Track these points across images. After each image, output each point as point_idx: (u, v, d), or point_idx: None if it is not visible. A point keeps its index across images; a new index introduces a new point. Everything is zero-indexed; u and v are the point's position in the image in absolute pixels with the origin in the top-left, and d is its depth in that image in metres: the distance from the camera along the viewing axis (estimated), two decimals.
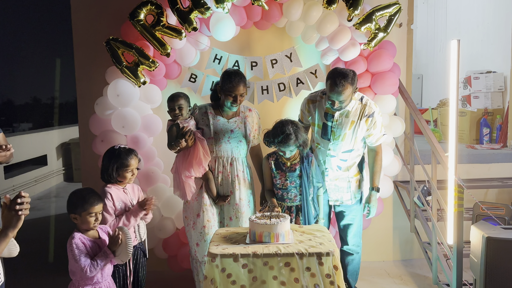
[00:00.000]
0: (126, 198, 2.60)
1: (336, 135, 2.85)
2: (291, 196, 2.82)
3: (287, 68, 3.46)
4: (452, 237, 2.72)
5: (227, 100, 2.81)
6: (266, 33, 3.64)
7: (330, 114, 2.87)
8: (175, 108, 2.78)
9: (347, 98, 2.70)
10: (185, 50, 3.26)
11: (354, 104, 2.84)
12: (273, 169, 2.84)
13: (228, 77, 2.79)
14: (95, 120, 3.28)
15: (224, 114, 2.93)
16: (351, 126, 2.83)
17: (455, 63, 2.63)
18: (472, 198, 3.14)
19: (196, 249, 2.88)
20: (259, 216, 2.48)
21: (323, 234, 2.49)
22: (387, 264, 3.96)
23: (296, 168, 2.81)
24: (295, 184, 2.81)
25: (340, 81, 2.63)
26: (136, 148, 3.20)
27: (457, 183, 2.66)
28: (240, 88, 2.79)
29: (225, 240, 2.41)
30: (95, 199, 2.28)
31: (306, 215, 2.82)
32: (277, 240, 2.34)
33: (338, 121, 2.84)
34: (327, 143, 2.90)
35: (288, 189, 2.81)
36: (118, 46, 3.09)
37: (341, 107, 2.76)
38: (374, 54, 3.31)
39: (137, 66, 3.09)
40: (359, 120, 2.82)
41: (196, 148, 2.76)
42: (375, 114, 2.83)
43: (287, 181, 2.81)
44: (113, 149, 2.60)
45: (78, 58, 3.64)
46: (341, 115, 2.84)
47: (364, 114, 2.82)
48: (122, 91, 3.11)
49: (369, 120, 2.82)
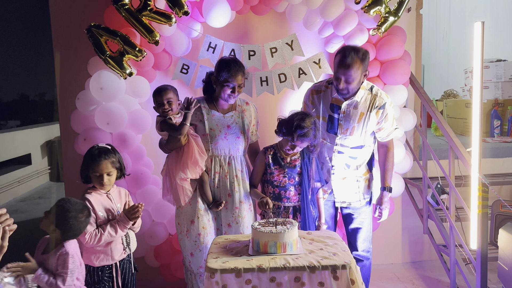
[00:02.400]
0: (110, 205, 2.31)
1: (343, 128, 2.56)
2: (289, 195, 2.54)
3: (288, 57, 3.17)
4: (476, 241, 2.46)
5: (223, 91, 2.52)
6: (265, 19, 3.35)
7: (337, 106, 2.58)
8: (164, 102, 2.46)
9: (355, 77, 2.37)
10: (176, 37, 2.96)
11: (363, 94, 2.54)
12: (270, 164, 2.55)
13: (225, 65, 2.49)
14: (77, 117, 2.97)
15: (219, 108, 2.63)
16: (360, 119, 2.53)
17: (479, 49, 2.36)
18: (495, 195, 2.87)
19: (191, 259, 2.58)
20: (263, 222, 2.20)
21: (335, 242, 2.22)
22: (396, 266, 3.71)
23: (296, 164, 2.53)
24: (294, 182, 2.53)
25: (350, 53, 2.34)
26: (123, 147, 2.93)
27: (481, 181, 2.39)
28: (239, 77, 2.50)
29: (225, 252, 2.12)
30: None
31: (306, 217, 2.54)
32: (284, 250, 2.07)
33: (346, 113, 2.55)
34: (333, 138, 2.61)
35: (286, 187, 2.53)
36: (101, 34, 2.78)
37: (347, 89, 2.44)
38: (384, 40, 3.04)
39: (122, 56, 2.78)
40: (369, 112, 2.52)
41: (190, 146, 2.46)
42: (386, 105, 2.54)
43: (285, 178, 2.53)
44: (89, 149, 2.33)
45: (58, 49, 3.31)
46: (349, 106, 2.54)
47: (375, 105, 2.52)
48: (106, 84, 2.79)
49: (380, 112, 2.53)
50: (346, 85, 2.41)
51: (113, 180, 2.33)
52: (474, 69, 2.37)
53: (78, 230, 2.05)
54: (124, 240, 2.35)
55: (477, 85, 2.37)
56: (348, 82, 2.40)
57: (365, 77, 2.49)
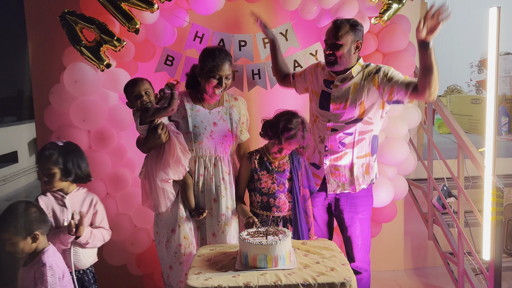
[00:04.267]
0: (61, 212, 2.08)
1: (336, 103, 2.33)
2: (279, 204, 2.28)
3: (283, 48, 2.91)
4: (489, 251, 2.22)
5: (209, 83, 2.27)
6: (257, 6, 3.08)
7: (330, 81, 2.38)
8: (142, 94, 2.20)
9: (343, 42, 2.22)
10: (159, 26, 2.71)
11: (359, 69, 2.34)
12: (257, 170, 2.30)
13: (210, 54, 2.25)
14: (51, 113, 2.73)
15: (204, 103, 2.39)
16: (353, 90, 2.30)
17: (494, 37, 2.11)
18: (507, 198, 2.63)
19: (169, 273, 2.32)
20: (252, 232, 1.95)
21: (333, 254, 1.98)
22: (398, 274, 3.48)
23: (285, 169, 2.29)
24: (284, 188, 2.28)
25: (340, 19, 2.27)
26: (101, 146, 2.71)
27: (495, 185, 2.15)
28: (226, 67, 2.26)
29: (209, 266, 1.88)
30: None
31: (298, 228, 2.29)
32: (275, 264, 1.83)
33: (339, 87, 2.33)
34: (326, 115, 2.37)
35: (276, 194, 2.28)
36: (76, 21, 2.54)
37: (335, 57, 2.24)
38: (386, 30, 2.80)
39: (100, 46, 2.54)
40: (363, 81, 2.30)
41: (172, 143, 2.20)
42: (383, 68, 2.30)
43: (274, 184, 2.28)
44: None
45: (32, 38, 3.06)
46: (343, 80, 2.33)
47: (368, 73, 2.30)
48: (81, 77, 2.56)
49: (377, 76, 2.26)
50: (334, 52, 2.24)
51: (55, 181, 2.10)
52: (489, 60, 2.13)
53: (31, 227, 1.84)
54: (69, 254, 2.08)
55: (492, 78, 2.12)
56: (335, 48, 2.23)
57: (358, 49, 2.29)
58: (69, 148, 2.17)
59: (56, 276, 1.81)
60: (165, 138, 2.20)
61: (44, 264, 1.79)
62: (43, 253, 1.84)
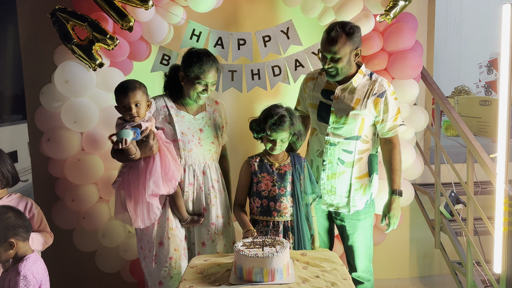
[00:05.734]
0: None
1: (337, 116, 2.21)
2: (279, 208, 2.15)
3: (284, 47, 2.81)
4: (501, 264, 2.09)
5: (193, 89, 2.15)
6: (257, 3, 3.02)
7: (330, 91, 2.26)
8: (131, 106, 2.00)
9: (342, 54, 2.11)
10: (155, 23, 2.61)
11: (361, 80, 2.22)
12: (257, 172, 2.18)
13: (198, 59, 2.12)
14: (42, 114, 2.64)
15: (188, 108, 2.27)
16: (356, 105, 2.19)
17: (508, 36, 1.98)
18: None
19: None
20: (248, 243, 1.83)
21: (334, 267, 1.85)
22: (403, 282, 3.36)
23: (287, 171, 2.17)
24: (285, 191, 2.15)
25: (335, 27, 2.12)
26: (94, 149, 2.61)
27: (508, 194, 2.02)
28: (212, 74, 2.16)
29: (201, 279, 1.76)
30: None
31: (300, 236, 2.16)
32: (272, 278, 1.71)
33: (340, 98, 2.22)
34: (325, 127, 2.26)
35: (277, 197, 2.15)
36: (67, 19, 2.46)
37: (336, 69, 2.15)
38: (392, 28, 2.68)
39: (92, 44, 2.46)
40: (366, 99, 2.19)
41: (163, 156, 2.06)
42: (387, 94, 2.19)
43: (275, 186, 2.15)
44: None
45: (24, 36, 2.97)
46: (344, 90, 2.22)
47: (373, 92, 2.19)
48: (72, 77, 2.46)
49: (380, 101, 2.18)
50: (333, 64, 2.14)
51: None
52: (502, 59, 2.00)
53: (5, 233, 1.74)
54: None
55: (505, 79, 1.99)
56: (334, 60, 2.13)
57: (357, 56, 2.19)
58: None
59: (30, 287, 1.72)
60: (156, 149, 2.06)
61: (19, 273, 1.71)
62: (22, 261, 1.76)
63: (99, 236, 2.64)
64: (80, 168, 2.55)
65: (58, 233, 2.28)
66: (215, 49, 2.74)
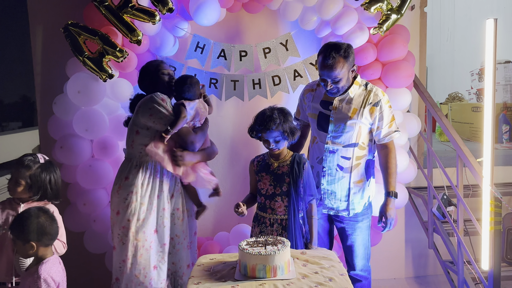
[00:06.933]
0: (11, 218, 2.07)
1: (335, 125, 2.35)
2: (274, 206, 2.28)
3: (283, 58, 2.95)
4: (488, 261, 2.23)
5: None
6: (258, 17, 3.14)
7: (329, 102, 2.39)
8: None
9: (341, 76, 2.23)
10: (161, 37, 2.75)
11: (357, 90, 2.36)
12: (258, 172, 2.32)
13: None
14: (54, 122, 2.77)
15: None
16: (353, 114, 2.32)
17: (491, 48, 2.13)
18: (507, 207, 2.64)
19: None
20: (252, 242, 1.96)
21: (332, 264, 1.98)
22: (399, 282, 3.47)
23: (284, 172, 2.28)
24: (280, 191, 2.27)
25: (330, 53, 2.20)
26: (104, 155, 2.74)
27: (493, 195, 2.16)
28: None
29: (208, 275, 1.90)
30: None
31: (293, 235, 2.26)
32: (274, 274, 1.83)
33: (338, 109, 2.35)
34: (324, 136, 2.39)
35: (272, 197, 2.28)
36: (79, 33, 2.59)
37: (337, 88, 2.29)
38: (386, 40, 2.82)
39: (102, 57, 2.58)
40: (363, 108, 2.33)
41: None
42: (382, 103, 2.33)
43: (271, 186, 2.28)
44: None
45: (36, 49, 3.09)
46: (341, 101, 2.35)
47: (369, 101, 2.33)
48: (84, 87, 2.60)
49: (375, 110, 2.32)
50: (335, 85, 2.28)
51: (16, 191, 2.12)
52: (486, 70, 2.14)
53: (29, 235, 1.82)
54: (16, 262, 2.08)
55: (489, 88, 2.14)
56: (335, 82, 2.26)
57: (354, 72, 2.33)
58: (47, 167, 2.17)
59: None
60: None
61: (39, 277, 1.77)
62: (42, 263, 1.83)
63: (109, 238, 2.76)
64: (91, 174, 2.67)
65: (69, 235, 2.39)
66: (219, 60, 2.89)
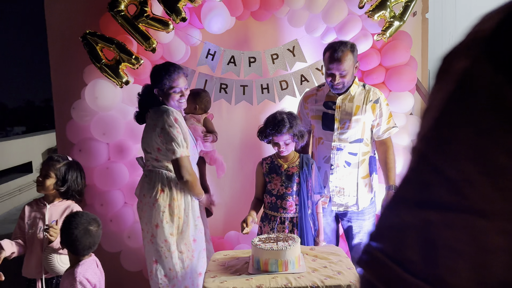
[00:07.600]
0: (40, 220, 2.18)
1: (341, 123, 2.49)
2: (285, 205, 2.40)
3: (290, 63, 3.07)
4: None
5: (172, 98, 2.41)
6: (266, 25, 3.25)
7: (332, 102, 2.52)
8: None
9: (348, 69, 2.38)
10: (174, 44, 2.87)
11: (357, 89, 2.52)
12: (267, 173, 2.44)
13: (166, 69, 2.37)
14: (73, 127, 2.89)
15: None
16: (356, 111, 2.47)
17: None
18: None
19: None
20: (264, 238, 2.09)
21: (340, 259, 2.10)
22: None
23: (294, 173, 2.41)
24: (291, 191, 2.40)
25: (339, 47, 2.37)
26: (120, 158, 2.86)
27: None
28: (183, 78, 2.41)
29: (224, 270, 2.02)
30: None
31: (303, 232, 2.38)
32: (285, 268, 1.96)
33: (342, 107, 2.49)
34: (330, 135, 2.51)
35: (284, 196, 2.40)
36: (97, 41, 2.72)
37: (343, 83, 2.42)
38: (389, 46, 2.94)
39: (119, 64, 2.71)
40: (365, 105, 2.48)
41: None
42: (381, 100, 2.51)
43: (282, 186, 2.41)
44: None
45: (54, 56, 3.21)
46: (344, 100, 2.50)
47: (369, 99, 2.49)
48: (101, 93, 2.72)
49: (376, 107, 2.49)
50: (342, 79, 2.41)
51: (47, 185, 2.23)
52: None
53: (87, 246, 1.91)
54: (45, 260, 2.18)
55: None
56: (343, 75, 2.40)
57: (357, 69, 2.49)
58: (74, 165, 2.34)
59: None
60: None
61: (75, 279, 1.84)
62: (78, 266, 1.89)
63: (125, 237, 2.88)
64: (108, 176, 2.80)
65: None
66: (229, 66, 3.01)
